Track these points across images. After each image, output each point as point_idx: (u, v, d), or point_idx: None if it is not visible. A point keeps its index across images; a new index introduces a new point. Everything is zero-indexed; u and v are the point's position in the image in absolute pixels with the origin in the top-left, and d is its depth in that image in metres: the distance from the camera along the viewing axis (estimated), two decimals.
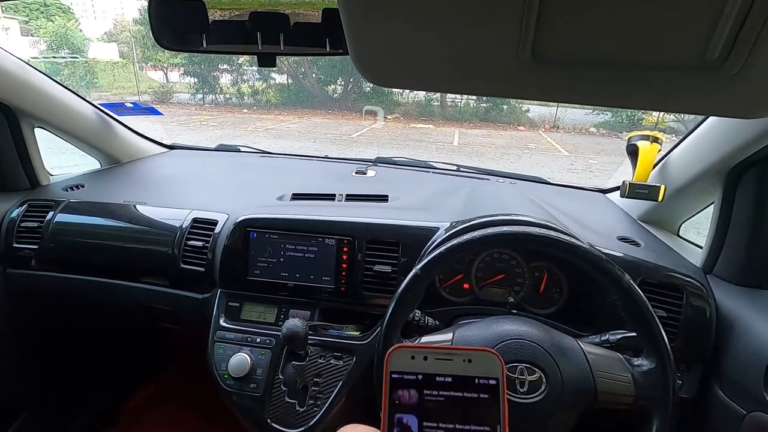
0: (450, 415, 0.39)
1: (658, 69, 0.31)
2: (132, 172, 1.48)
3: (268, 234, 1.02)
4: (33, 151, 1.27)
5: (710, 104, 0.35)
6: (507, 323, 0.70)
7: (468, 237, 0.71)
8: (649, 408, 0.63)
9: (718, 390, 0.84)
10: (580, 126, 11.97)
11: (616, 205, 1.32)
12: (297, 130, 10.15)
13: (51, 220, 1.15)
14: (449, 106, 13.79)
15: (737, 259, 0.90)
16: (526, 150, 9.01)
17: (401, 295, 0.71)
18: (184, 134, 8.95)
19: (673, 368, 0.62)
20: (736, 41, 0.28)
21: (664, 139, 1.09)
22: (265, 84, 14.92)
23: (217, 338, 1.00)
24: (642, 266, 0.90)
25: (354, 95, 14.06)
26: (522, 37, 0.30)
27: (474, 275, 0.98)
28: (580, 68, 0.32)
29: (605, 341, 0.74)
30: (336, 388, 0.93)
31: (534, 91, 0.36)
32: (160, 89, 14.83)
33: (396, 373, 0.40)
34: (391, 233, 0.99)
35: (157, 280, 1.13)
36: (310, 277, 1.01)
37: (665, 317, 0.86)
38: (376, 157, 1.60)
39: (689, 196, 1.06)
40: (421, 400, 0.39)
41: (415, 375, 0.40)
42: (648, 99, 0.35)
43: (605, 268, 0.66)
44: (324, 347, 0.96)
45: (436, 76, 0.36)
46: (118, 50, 16.74)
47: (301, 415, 0.92)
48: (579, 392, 0.63)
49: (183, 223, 1.10)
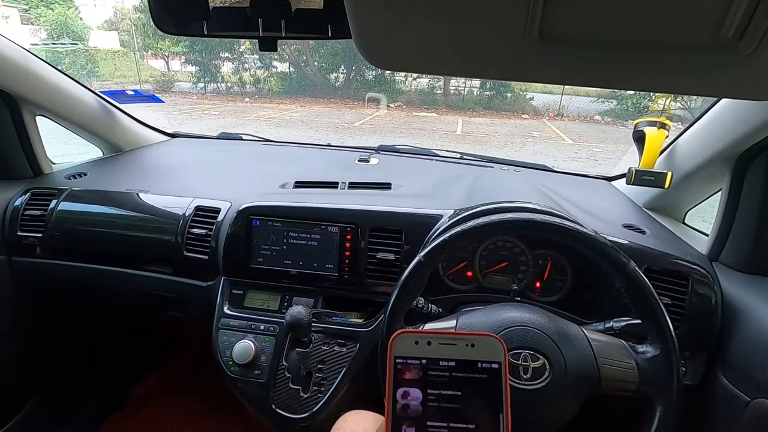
0: (453, 398, 0.39)
1: (671, 49, 0.30)
2: (134, 160, 1.47)
3: (271, 222, 1.02)
4: (35, 139, 1.26)
5: (723, 86, 0.34)
6: (511, 310, 0.69)
7: (471, 224, 0.71)
8: (653, 395, 0.63)
9: (722, 377, 0.84)
10: (584, 114, 11.85)
11: (621, 193, 1.31)
12: (299, 119, 10.10)
13: (54, 209, 1.15)
14: (452, 94, 13.67)
15: (744, 247, 0.89)
16: (530, 138, 8.95)
17: (404, 282, 0.71)
18: (186, 123, 8.92)
19: (677, 355, 0.62)
20: (751, 21, 0.27)
21: (671, 125, 1.08)
22: (267, 72, 14.81)
23: (221, 326, 1.00)
24: (647, 253, 0.90)
25: (356, 83, 13.96)
26: (530, 15, 0.29)
27: (477, 263, 0.98)
28: (590, 48, 0.31)
29: (609, 328, 0.74)
30: (339, 375, 0.94)
31: (542, 74, 0.35)
32: (162, 78, 14.75)
33: (400, 358, 0.40)
34: (395, 221, 0.99)
35: (161, 268, 1.13)
36: (314, 265, 1.01)
37: (670, 304, 0.85)
38: (378, 145, 1.59)
39: (696, 182, 1.05)
40: (424, 383, 0.39)
41: (418, 360, 0.40)
42: (660, 80, 0.34)
43: (610, 255, 0.65)
44: (327, 334, 0.97)
45: (441, 58, 0.36)
46: (119, 39, 16.63)
47: (305, 401, 0.93)
48: (583, 379, 0.63)
49: (186, 211, 1.10)
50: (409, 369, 0.40)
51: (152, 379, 1.70)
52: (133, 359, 1.70)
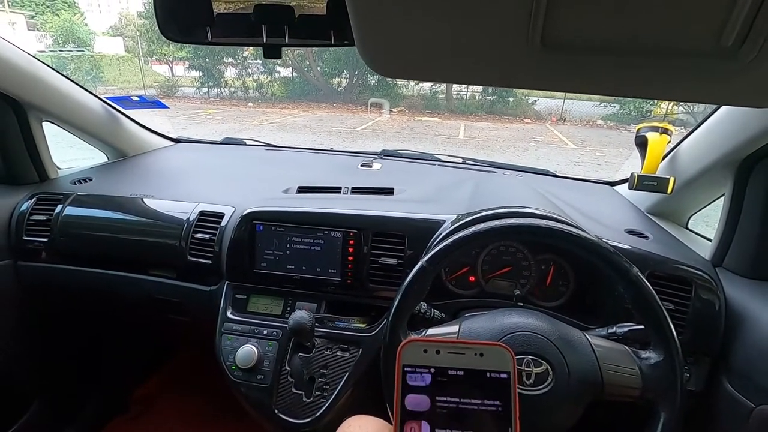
0: (461, 408, 0.39)
1: (672, 56, 0.30)
2: (139, 165, 1.48)
3: (274, 227, 1.02)
4: (41, 144, 1.27)
5: (724, 92, 0.34)
6: (513, 315, 0.69)
7: (474, 229, 0.71)
8: (656, 401, 0.62)
9: (726, 383, 0.83)
10: (587, 118, 11.85)
11: (624, 198, 1.31)
12: (302, 124, 10.14)
13: (60, 213, 1.16)
14: (455, 98, 13.71)
15: (747, 252, 0.89)
16: (533, 143, 8.94)
17: (407, 287, 0.71)
18: (190, 128, 8.96)
19: (681, 361, 0.62)
20: (752, 28, 0.27)
21: (673, 130, 1.07)
22: (270, 77, 14.90)
23: (224, 330, 1.01)
24: (650, 259, 0.89)
25: (359, 88, 14.02)
26: (532, 23, 0.29)
27: (480, 268, 0.98)
28: (591, 55, 0.31)
29: (612, 334, 0.74)
30: (342, 380, 0.94)
31: (544, 81, 0.35)
32: (166, 83, 14.87)
33: (408, 367, 0.40)
34: (398, 226, 0.99)
35: (165, 273, 1.14)
36: (317, 270, 1.01)
37: (673, 310, 0.85)
38: (381, 150, 1.59)
39: (699, 188, 1.05)
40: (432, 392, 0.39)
41: (427, 368, 0.40)
42: (661, 87, 0.34)
43: (613, 260, 0.65)
44: (330, 339, 0.97)
45: (444, 65, 0.36)
46: (124, 44, 16.79)
47: (308, 405, 0.93)
48: (585, 384, 0.63)
49: (190, 215, 1.10)
50: (418, 378, 0.40)
51: (155, 383, 1.70)
52: (137, 363, 1.70)
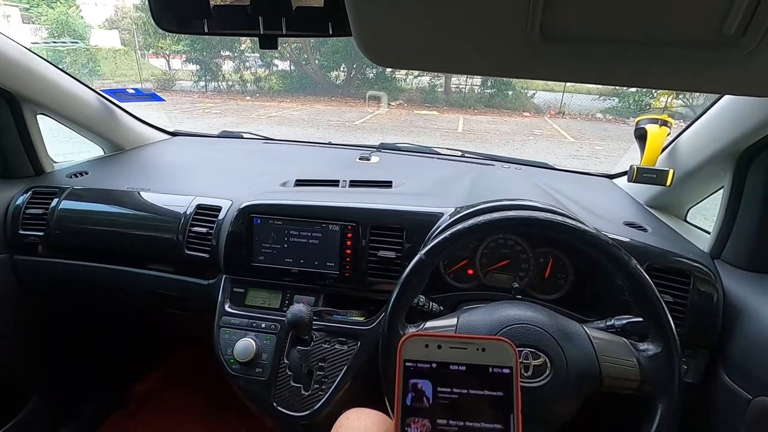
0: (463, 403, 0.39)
1: (673, 45, 0.30)
2: (136, 158, 1.47)
3: (272, 220, 1.02)
4: (36, 137, 1.26)
5: (725, 82, 0.34)
6: (512, 308, 0.69)
7: (473, 222, 0.70)
8: (654, 392, 0.63)
9: (723, 375, 0.84)
10: (586, 112, 11.82)
11: (622, 191, 1.31)
12: (300, 117, 10.09)
13: (56, 207, 1.16)
14: (453, 92, 13.64)
15: (746, 244, 0.89)
16: (531, 136, 8.92)
17: (406, 280, 0.71)
18: (188, 122, 8.91)
19: (679, 353, 0.62)
20: (754, 17, 0.27)
21: (673, 122, 1.07)
22: (268, 71, 14.80)
23: (222, 323, 1.01)
24: (649, 251, 0.89)
25: (357, 81, 13.93)
26: (531, 12, 0.29)
27: (479, 261, 0.98)
28: (591, 45, 0.31)
29: (611, 326, 0.74)
30: (341, 373, 0.94)
31: (543, 71, 0.35)
32: (163, 77, 14.75)
33: (410, 361, 0.40)
34: (396, 219, 0.99)
35: (163, 267, 1.14)
36: (315, 263, 1.01)
37: (672, 302, 0.85)
38: (379, 143, 1.59)
39: (698, 180, 1.05)
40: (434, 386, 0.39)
41: (429, 363, 0.40)
42: (662, 77, 0.33)
43: (612, 252, 0.65)
44: (329, 332, 0.97)
45: (442, 55, 0.35)
46: (120, 37, 16.63)
47: (306, 398, 0.93)
48: (584, 376, 0.63)
49: (187, 209, 1.10)
50: (419, 372, 0.40)
51: (154, 377, 1.71)
52: (135, 357, 1.70)
